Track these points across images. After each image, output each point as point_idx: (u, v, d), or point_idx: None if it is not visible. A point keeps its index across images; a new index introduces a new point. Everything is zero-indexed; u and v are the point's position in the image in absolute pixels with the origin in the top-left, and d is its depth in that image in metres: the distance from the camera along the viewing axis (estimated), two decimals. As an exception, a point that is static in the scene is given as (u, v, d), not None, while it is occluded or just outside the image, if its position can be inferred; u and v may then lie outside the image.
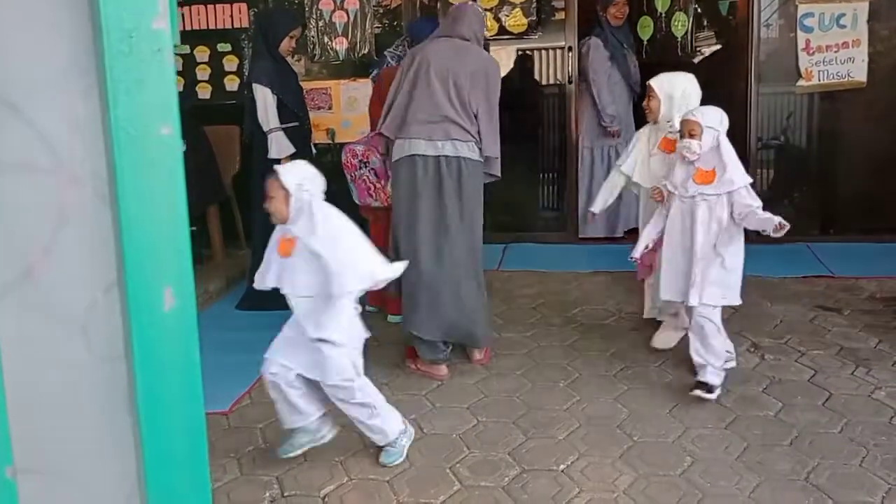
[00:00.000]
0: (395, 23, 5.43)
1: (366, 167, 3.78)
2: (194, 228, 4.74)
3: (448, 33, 3.22)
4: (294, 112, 4.08)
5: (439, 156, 3.07)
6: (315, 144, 4.74)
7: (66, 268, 0.66)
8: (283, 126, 4.00)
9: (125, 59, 0.62)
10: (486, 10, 5.01)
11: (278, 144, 3.97)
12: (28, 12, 0.63)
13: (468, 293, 3.19)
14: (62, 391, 0.68)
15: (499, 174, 3.26)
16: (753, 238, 5.08)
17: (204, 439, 0.70)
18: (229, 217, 5.13)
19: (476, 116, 3.10)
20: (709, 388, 2.88)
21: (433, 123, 3.06)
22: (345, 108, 5.28)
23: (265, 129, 3.97)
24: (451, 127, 3.07)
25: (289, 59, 4.27)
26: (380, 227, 4.04)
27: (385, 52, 4.41)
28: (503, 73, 4.26)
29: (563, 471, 2.50)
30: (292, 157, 4.03)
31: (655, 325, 3.56)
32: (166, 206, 0.66)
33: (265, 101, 3.94)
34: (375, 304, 4.10)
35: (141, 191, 0.65)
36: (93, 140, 0.65)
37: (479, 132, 3.11)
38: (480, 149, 3.14)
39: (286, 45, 4.06)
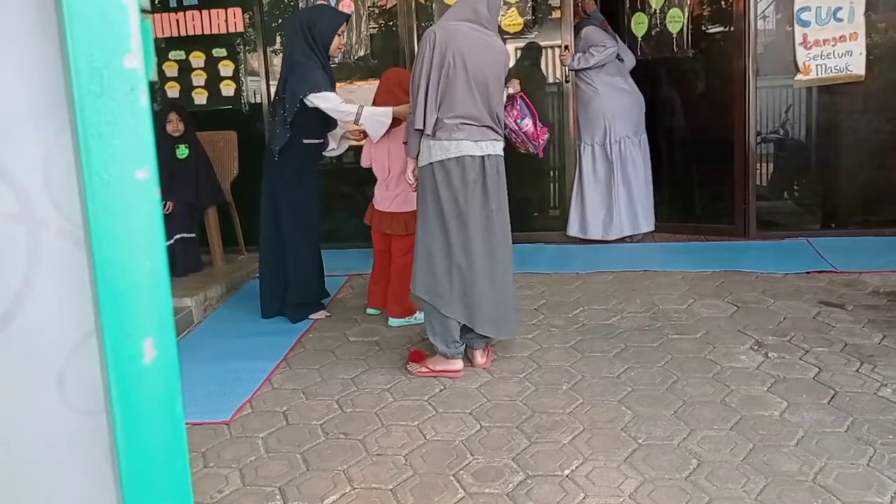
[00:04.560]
0: (390, 23, 5.41)
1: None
2: (193, 235, 4.73)
3: (471, 18, 3.19)
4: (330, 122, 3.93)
5: (483, 155, 3.19)
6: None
7: (40, 317, 0.63)
8: (316, 141, 3.91)
9: (96, 99, 0.59)
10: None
11: (376, 117, 3.72)
12: (-9, 50, 0.60)
13: (509, 282, 3.34)
14: (38, 446, 0.65)
15: None
16: (754, 234, 5.13)
17: (190, 498, 0.67)
18: (228, 222, 5.11)
19: (499, 117, 3.29)
20: None
21: (474, 126, 3.17)
22: (342, 110, 5.25)
23: (353, 118, 3.72)
24: (489, 130, 3.22)
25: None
26: (378, 236, 4.01)
27: None
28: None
29: (567, 476, 2.48)
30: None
31: (655, 326, 3.53)
32: (145, 253, 0.63)
33: (333, 101, 3.71)
34: (376, 307, 4.09)
35: (117, 237, 0.62)
36: (65, 184, 0.62)
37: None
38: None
39: (336, 44, 3.80)
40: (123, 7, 0.58)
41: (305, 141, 3.86)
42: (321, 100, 3.70)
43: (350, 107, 3.73)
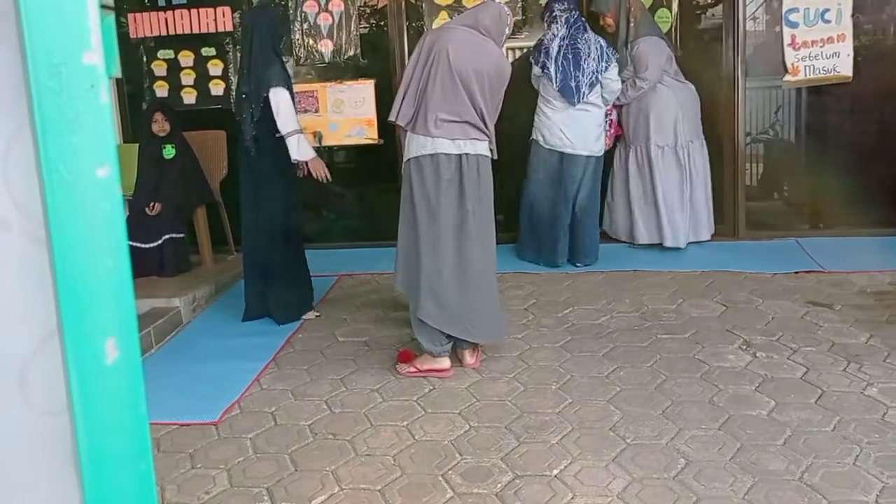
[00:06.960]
0: (381, 23, 5.40)
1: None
2: (182, 235, 4.71)
3: (470, 24, 3.21)
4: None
5: (461, 154, 3.15)
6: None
7: (1, 318, 0.62)
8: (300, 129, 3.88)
9: (55, 96, 0.58)
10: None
11: (300, 146, 3.79)
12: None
13: (486, 285, 3.25)
14: (0, 447, 0.64)
15: (496, 156, 3.34)
16: (743, 235, 5.14)
17: (154, 499, 0.67)
18: (217, 222, 5.09)
19: (486, 117, 3.21)
20: None
21: (453, 124, 3.13)
22: (331, 110, 5.24)
23: (285, 131, 3.75)
24: (470, 128, 3.16)
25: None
26: None
27: None
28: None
29: (556, 476, 2.48)
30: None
31: (644, 326, 3.53)
32: (106, 251, 0.62)
33: (286, 103, 3.74)
34: None
35: (77, 236, 0.61)
36: (25, 183, 0.61)
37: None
38: (492, 147, 3.27)
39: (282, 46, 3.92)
40: (82, 3, 0.57)
41: (279, 134, 3.82)
42: (277, 95, 3.72)
43: (292, 123, 3.75)
